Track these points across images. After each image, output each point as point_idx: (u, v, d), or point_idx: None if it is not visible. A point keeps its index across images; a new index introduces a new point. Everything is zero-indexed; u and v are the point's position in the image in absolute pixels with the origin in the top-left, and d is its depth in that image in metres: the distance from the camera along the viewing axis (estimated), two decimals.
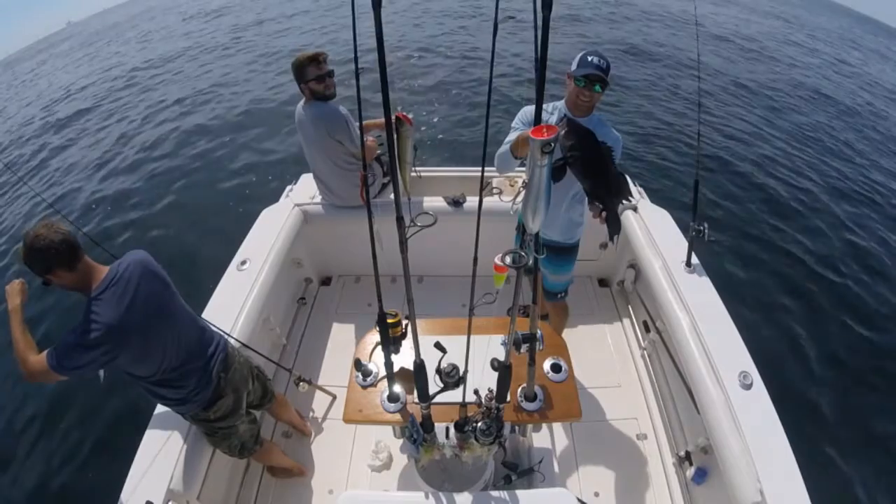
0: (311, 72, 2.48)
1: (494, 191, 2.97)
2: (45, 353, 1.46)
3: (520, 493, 1.47)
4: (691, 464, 2.21)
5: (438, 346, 1.46)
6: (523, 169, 2.55)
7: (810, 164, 7.12)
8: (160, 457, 1.74)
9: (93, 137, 8.62)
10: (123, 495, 1.63)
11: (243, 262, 2.57)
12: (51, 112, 11.18)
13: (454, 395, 1.48)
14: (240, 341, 2.11)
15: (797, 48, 16.01)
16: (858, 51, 19.21)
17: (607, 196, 1.55)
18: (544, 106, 2.08)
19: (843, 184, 6.72)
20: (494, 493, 1.47)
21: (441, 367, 1.52)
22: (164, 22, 24.26)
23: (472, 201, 2.95)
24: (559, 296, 2.52)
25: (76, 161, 7.67)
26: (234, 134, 7.50)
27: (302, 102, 2.66)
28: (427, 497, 1.47)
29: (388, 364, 1.50)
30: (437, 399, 1.48)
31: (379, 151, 2.95)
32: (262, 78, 10.37)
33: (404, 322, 1.45)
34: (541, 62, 0.90)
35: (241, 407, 1.91)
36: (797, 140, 7.95)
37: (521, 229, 1.12)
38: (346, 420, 1.62)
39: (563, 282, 2.48)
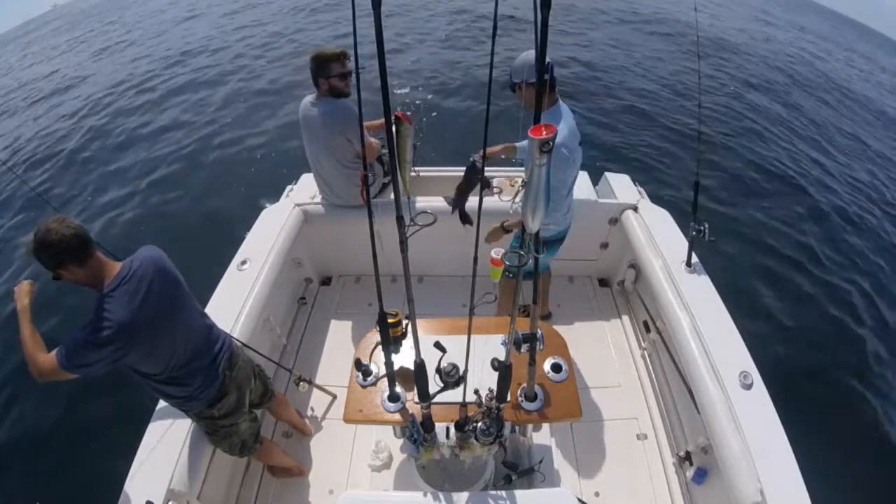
0: (335, 68, 2.43)
1: (494, 190, 2.97)
2: (54, 351, 1.46)
3: (520, 492, 1.47)
4: (691, 464, 2.21)
5: (438, 345, 1.46)
6: (524, 168, 2.56)
7: (812, 163, 7.12)
8: (160, 456, 1.74)
9: (83, 126, 8.59)
10: (123, 495, 1.63)
11: (243, 262, 2.57)
12: (36, 98, 11.14)
13: (454, 395, 1.48)
14: (240, 341, 2.11)
15: (795, 47, 16.02)
16: (851, 51, 19.34)
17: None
18: None
19: (846, 183, 6.72)
20: (494, 493, 1.47)
21: (441, 366, 1.52)
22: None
23: (472, 201, 2.94)
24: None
25: (70, 150, 7.64)
26: (231, 130, 7.51)
27: (312, 98, 2.60)
28: (427, 497, 1.47)
29: (389, 364, 1.50)
30: (438, 399, 1.48)
31: (383, 151, 2.94)
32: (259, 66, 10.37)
33: (404, 322, 1.45)
34: (540, 61, 0.89)
35: (244, 405, 1.92)
36: (799, 139, 7.96)
37: (521, 229, 1.12)
38: (347, 420, 1.62)
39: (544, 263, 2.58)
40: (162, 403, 1.90)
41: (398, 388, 1.61)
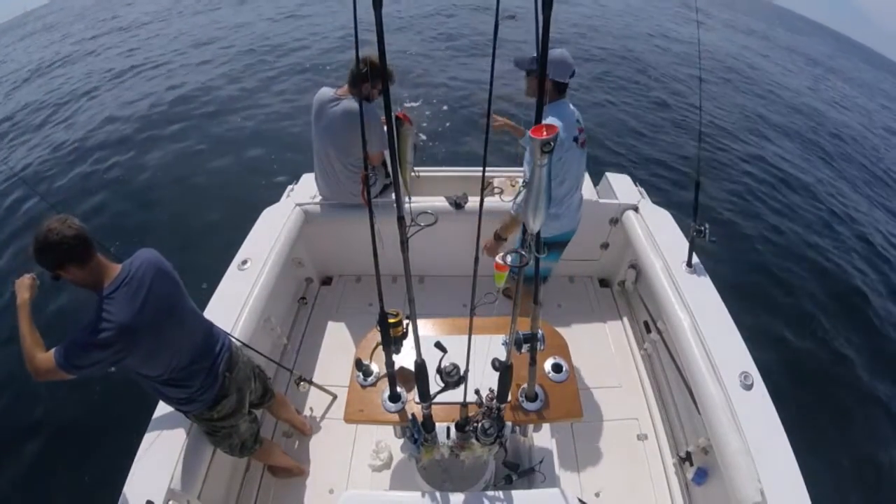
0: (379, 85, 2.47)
1: (496, 191, 2.97)
2: (52, 350, 1.44)
3: (520, 493, 1.47)
4: (692, 464, 2.21)
5: (439, 345, 1.46)
6: (523, 168, 2.56)
7: (813, 163, 7.12)
8: (160, 456, 1.74)
9: (80, 124, 8.58)
10: (123, 495, 1.63)
11: (244, 262, 2.57)
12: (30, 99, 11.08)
13: (455, 395, 1.47)
14: (241, 341, 2.11)
15: (793, 55, 16.02)
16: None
17: None
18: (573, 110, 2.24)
19: (847, 184, 6.72)
20: (495, 494, 1.47)
21: (442, 366, 1.52)
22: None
23: (473, 201, 2.94)
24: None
25: (67, 151, 7.61)
26: (232, 133, 7.50)
27: (332, 92, 2.58)
28: (427, 497, 1.46)
29: (389, 364, 1.49)
30: (438, 399, 1.48)
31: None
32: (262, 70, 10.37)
33: (405, 322, 1.44)
34: (541, 62, 0.89)
35: (244, 406, 1.91)
36: (800, 139, 7.95)
37: (523, 229, 1.12)
38: (347, 420, 1.62)
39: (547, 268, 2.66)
40: (162, 403, 1.90)
41: (399, 388, 1.60)
